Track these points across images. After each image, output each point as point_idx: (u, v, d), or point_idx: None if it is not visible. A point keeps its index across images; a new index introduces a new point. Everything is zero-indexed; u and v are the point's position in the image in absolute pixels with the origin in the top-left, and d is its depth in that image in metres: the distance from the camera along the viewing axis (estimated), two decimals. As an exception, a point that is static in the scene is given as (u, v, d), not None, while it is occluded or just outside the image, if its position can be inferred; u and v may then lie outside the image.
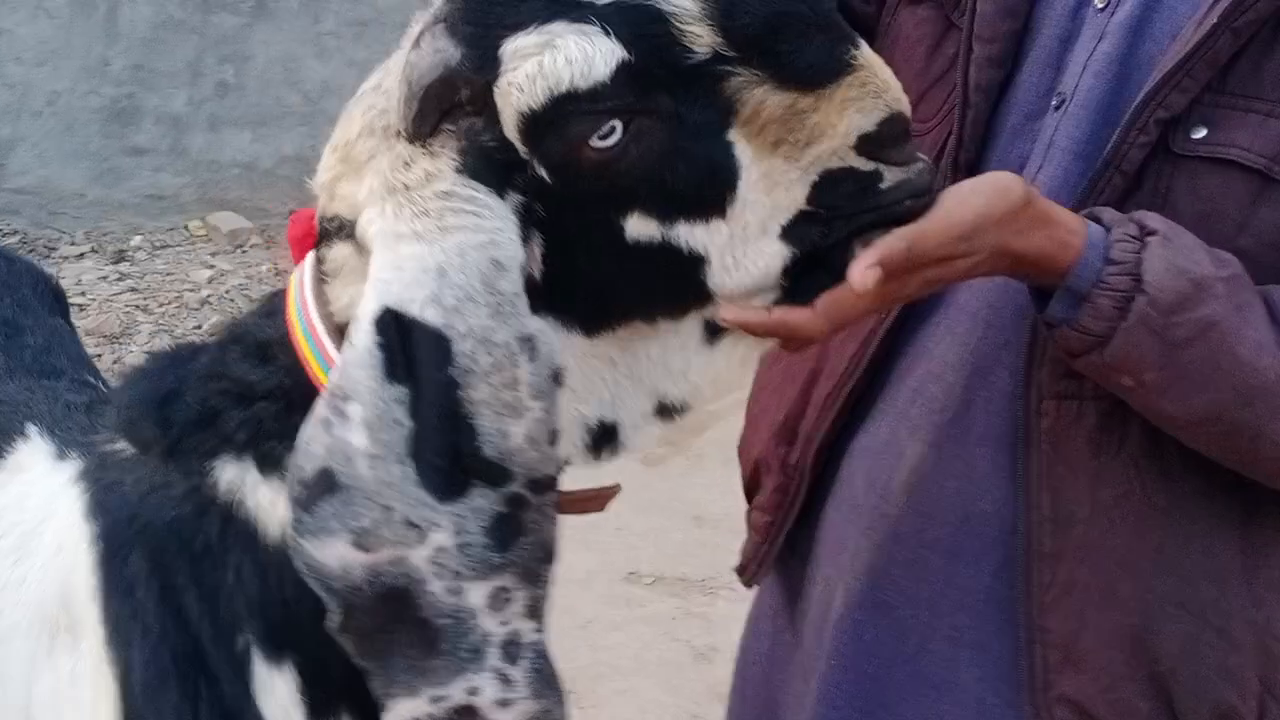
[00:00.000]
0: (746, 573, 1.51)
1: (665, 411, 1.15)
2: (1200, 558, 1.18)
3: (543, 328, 1.06)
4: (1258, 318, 1.10)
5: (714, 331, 1.12)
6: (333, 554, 1.01)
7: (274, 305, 1.20)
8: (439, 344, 1.02)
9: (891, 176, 1.08)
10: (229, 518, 1.16)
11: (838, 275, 1.06)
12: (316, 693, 1.14)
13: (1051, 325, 1.13)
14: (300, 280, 1.15)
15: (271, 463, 1.13)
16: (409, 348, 1.03)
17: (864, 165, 1.07)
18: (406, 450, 1.02)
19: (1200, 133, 1.15)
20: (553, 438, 1.05)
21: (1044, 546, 1.22)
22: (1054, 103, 1.24)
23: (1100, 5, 1.24)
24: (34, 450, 1.38)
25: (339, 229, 1.11)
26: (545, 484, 1.05)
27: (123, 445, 1.24)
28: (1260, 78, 1.14)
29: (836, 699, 1.35)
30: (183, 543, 1.17)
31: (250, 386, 1.17)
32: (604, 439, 1.15)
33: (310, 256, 1.15)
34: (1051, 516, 1.21)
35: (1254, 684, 1.19)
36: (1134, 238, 1.10)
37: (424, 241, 1.03)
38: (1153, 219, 1.12)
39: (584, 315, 1.10)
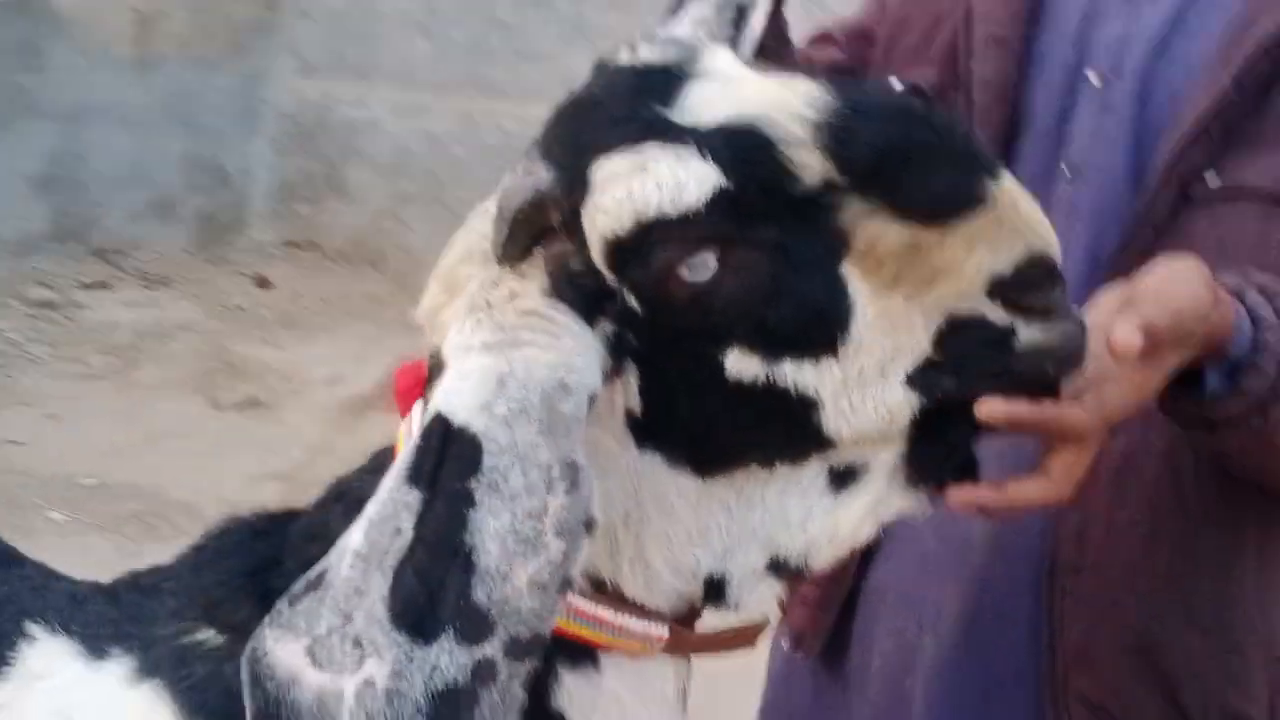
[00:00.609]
0: (804, 645, 1.53)
1: (785, 568, 1.10)
2: (1211, 580, 1.31)
3: (587, 473, 0.97)
4: None
5: (839, 480, 1.06)
6: (283, 655, 0.92)
7: (381, 461, 1.13)
8: (471, 452, 0.95)
9: (1029, 335, 1.02)
10: None
11: (971, 434, 1.04)
12: None
13: (1197, 399, 1.15)
14: (410, 432, 1.09)
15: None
16: (443, 454, 0.96)
17: (997, 315, 1.02)
18: (393, 561, 0.94)
19: (1215, 179, 1.28)
20: (563, 587, 0.96)
21: (1065, 558, 1.32)
22: (1066, 174, 1.35)
23: (1096, 81, 1.36)
24: (48, 653, 1.24)
25: (441, 365, 1.04)
26: (527, 647, 0.93)
27: (207, 634, 1.15)
28: (1262, 122, 1.28)
29: None
30: None
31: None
32: (712, 592, 1.10)
33: (418, 405, 1.11)
34: (1075, 533, 1.31)
35: (1263, 689, 1.33)
36: (1266, 296, 1.16)
37: (493, 353, 0.98)
38: (1257, 275, 1.20)
39: (692, 455, 1.06)
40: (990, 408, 1.01)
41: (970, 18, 1.42)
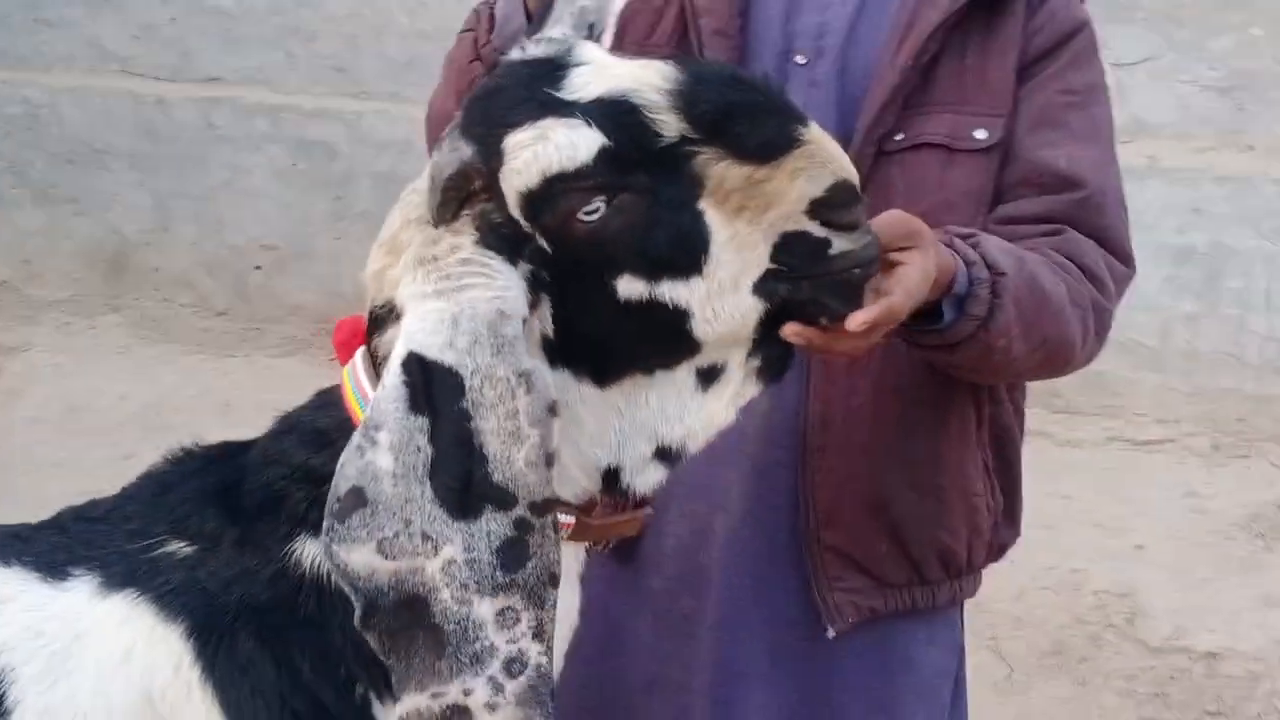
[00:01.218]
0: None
1: (667, 455, 1.37)
2: (924, 449, 1.69)
3: (541, 370, 1.25)
4: (1038, 263, 1.59)
5: (708, 378, 1.34)
6: (359, 558, 1.20)
7: (325, 399, 1.39)
8: (454, 381, 1.22)
9: (840, 244, 1.30)
10: (322, 589, 1.34)
11: (811, 323, 1.33)
12: None
13: (936, 328, 1.52)
14: (354, 373, 1.36)
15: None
16: (430, 385, 1.22)
17: (816, 230, 1.30)
18: (425, 472, 1.21)
19: (901, 135, 1.65)
20: (549, 461, 1.23)
21: (813, 441, 1.68)
22: None
23: (802, 61, 1.70)
24: (4, 580, 1.41)
25: (389, 313, 1.31)
26: (544, 507, 1.22)
27: (177, 546, 1.36)
28: (932, 91, 1.67)
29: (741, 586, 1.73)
30: (287, 618, 1.34)
31: (313, 470, 1.35)
32: (609, 481, 1.37)
33: (360, 352, 1.37)
34: (820, 420, 1.65)
35: (961, 526, 1.74)
36: (969, 242, 1.53)
37: (444, 298, 1.24)
38: (956, 229, 1.57)
39: (593, 368, 1.33)
40: (790, 329, 1.32)
41: (695, 12, 1.73)
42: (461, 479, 1.21)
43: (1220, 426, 4.65)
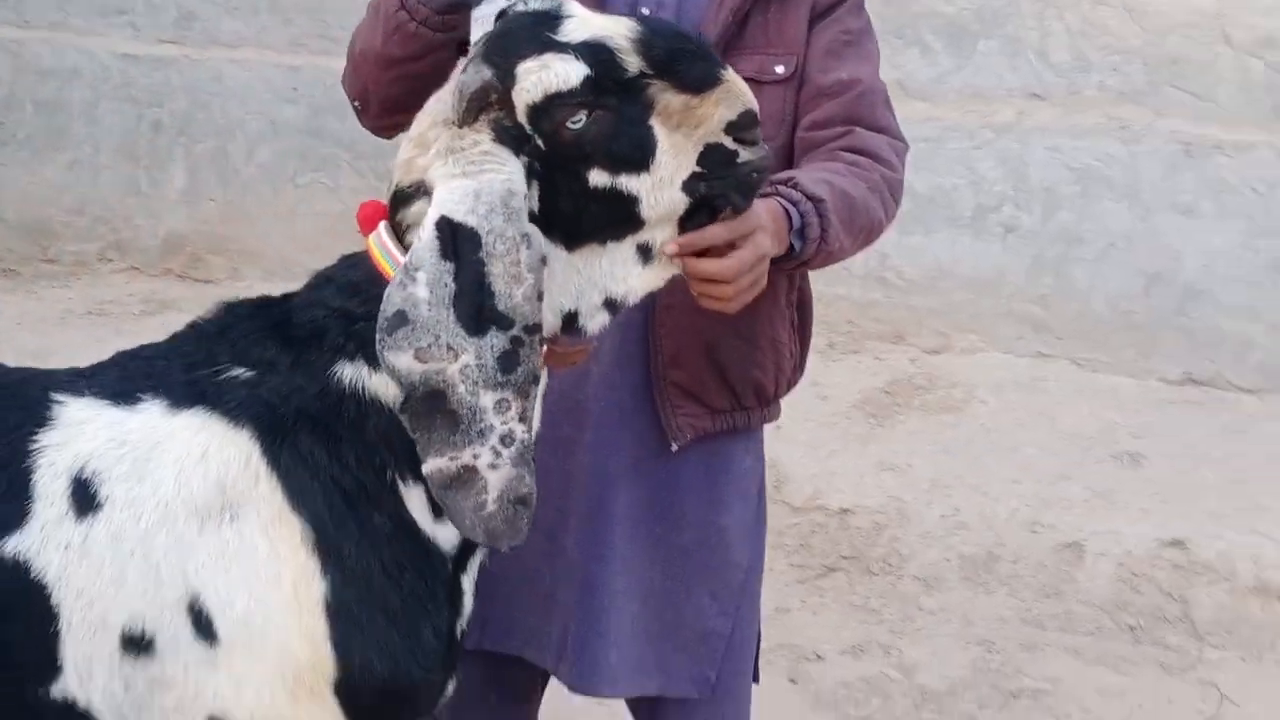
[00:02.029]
0: None
1: (612, 305, 1.80)
2: (747, 311, 2.03)
3: (537, 233, 1.68)
4: (841, 174, 2.06)
5: (644, 253, 1.78)
6: (401, 362, 1.62)
7: (352, 260, 1.80)
8: (473, 236, 1.63)
9: (745, 154, 1.76)
10: (359, 399, 1.75)
11: (713, 216, 1.78)
12: (431, 498, 1.77)
13: (794, 257, 1.96)
14: (380, 239, 1.78)
15: (376, 362, 1.69)
16: (456, 239, 1.63)
17: (729, 143, 1.75)
18: (450, 301, 1.62)
19: None
20: (539, 297, 1.65)
21: (662, 302, 2.10)
22: None
23: (646, 13, 2.09)
24: (81, 407, 1.75)
25: (416, 191, 1.74)
26: (534, 329, 1.65)
27: (239, 371, 1.75)
28: (744, 37, 2.11)
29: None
30: (334, 423, 1.74)
31: (349, 312, 1.76)
32: (568, 322, 1.80)
33: (382, 224, 1.78)
34: (668, 288, 1.97)
35: (771, 370, 2.23)
36: (790, 185, 1.99)
37: (468, 177, 1.67)
38: (777, 177, 2.00)
39: (565, 237, 1.75)
40: (672, 245, 1.77)
41: None
42: (476, 307, 1.65)
43: (834, 328, 5.48)
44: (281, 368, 1.76)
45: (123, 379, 1.79)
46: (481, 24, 1.84)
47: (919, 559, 4.55)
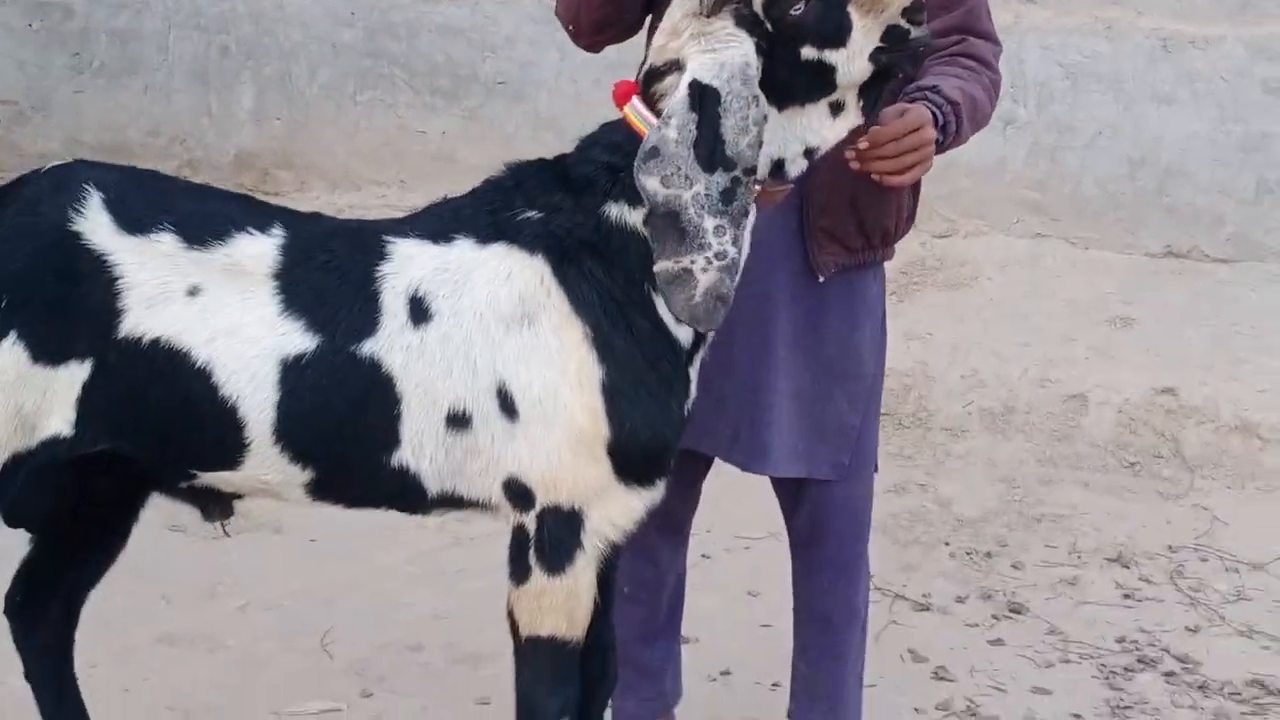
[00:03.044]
0: None
1: (810, 153, 2.24)
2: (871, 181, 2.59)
3: (762, 96, 2.09)
4: (967, 78, 2.60)
5: (835, 109, 2.21)
6: (650, 184, 2.07)
7: (612, 125, 2.29)
8: (715, 95, 2.06)
9: (916, 33, 2.17)
10: (623, 230, 2.24)
11: (886, 82, 2.23)
12: None
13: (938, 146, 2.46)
14: (636, 108, 2.25)
15: (638, 203, 2.14)
16: (703, 96, 2.06)
17: (904, 24, 2.15)
18: (691, 142, 2.06)
19: None
20: (759, 146, 2.09)
21: (812, 180, 2.55)
22: None
23: None
24: (409, 245, 2.27)
25: (670, 67, 2.20)
26: (750, 172, 2.08)
27: (532, 213, 2.26)
28: None
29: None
30: (605, 249, 2.24)
31: (614, 165, 2.24)
32: (776, 168, 2.23)
33: (635, 98, 2.26)
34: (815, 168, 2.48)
35: (894, 218, 2.74)
36: (934, 92, 2.49)
37: (714, 53, 2.10)
38: (927, 82, 2.53)
39: (777, 99, 2.16)
40: (864, 142, 2.36)
41: None
42: (710, 150, 2.07)
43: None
44: (565, 208, 2.26)
45: (438, 223, 2.31)
46: None
47: (944, 413, 5.17)
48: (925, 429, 5.11)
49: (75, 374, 2.24)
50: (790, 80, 2.22)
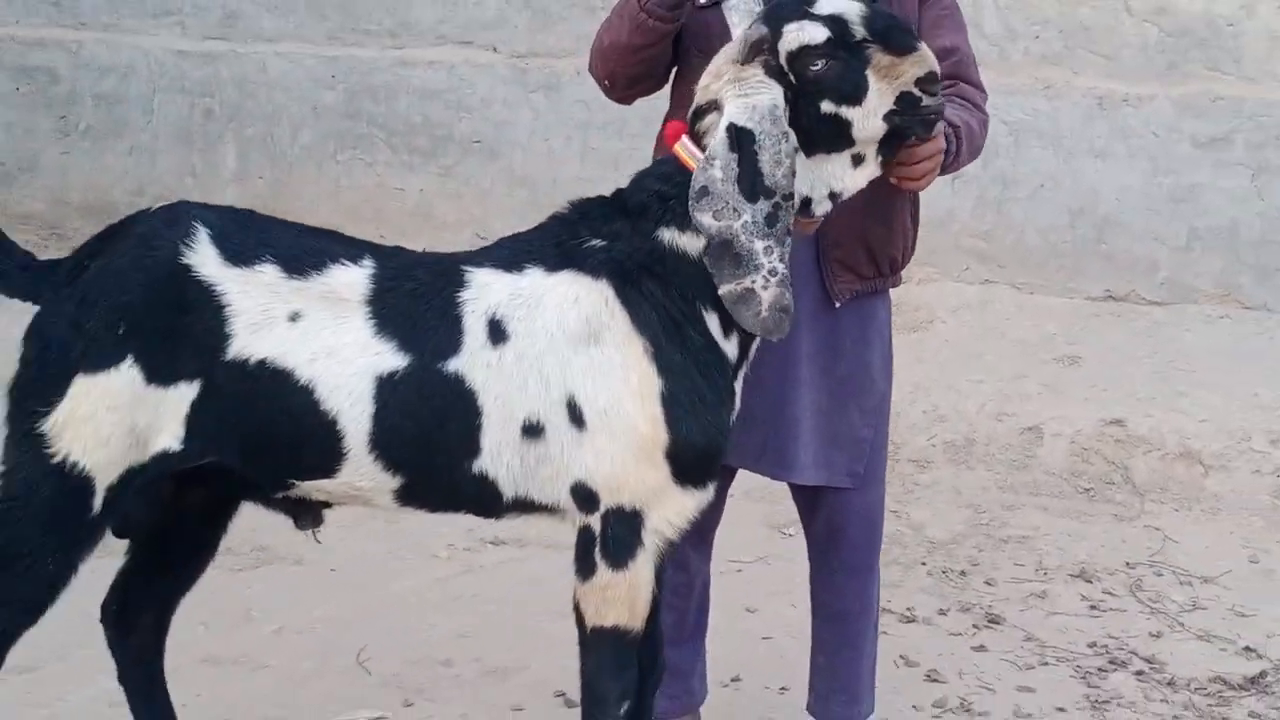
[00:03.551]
0: None
1: (833, 196, 2.47)
2: (882, 201, 2.87)
3: (792, 133, 2.35)
4: (965, 111, 2.89)
5: (856, 161, 2.44)
6: (704, 219, 2.34)
7: (663, 160, 2.57)
8: (750, 135, 2.32)
9: (927, 100, 2.37)
10: (678, 256, 2.50)
11: (901, 141, 2.48)
12: (724, 319, 2.54)
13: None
14: (685, 145, 2.52)
15: (688, 227, 2.43)
16: (740, 138, 2.32)
17: (917, 91, 2.36)
18: (735, 178, 2.32)
19: None
20: (793, 174, 2.33)
21: (828, 223, 2.85)
22: None
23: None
24: (484, 274, 2.51)
25: (710, 107, 2.47)
26: (788, 198, 2.33)
27: (596, 241, 2.52)
28: None
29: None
30: (661, 272, 2.50)
31: (665, 194, 2.50)
32: (803, 206, 2.45)
33: (684, 136, 2.54)
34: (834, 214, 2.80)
35: (900, 249, 3.04)
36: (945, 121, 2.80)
37: (747, 98, 2.36)
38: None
39: (806, 145, 2.40)
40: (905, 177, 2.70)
41: None
42: (751, 182, 2.38)
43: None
44: (623, 234, 2.53)
45: (510, 254, 2.57)
46: (735, 11, 2.63)
47: (910, 445, 5.49)
48: (893, 460, 5.36)
49: (185, 393, 2.46)
50: (813, 129, 2.47)
